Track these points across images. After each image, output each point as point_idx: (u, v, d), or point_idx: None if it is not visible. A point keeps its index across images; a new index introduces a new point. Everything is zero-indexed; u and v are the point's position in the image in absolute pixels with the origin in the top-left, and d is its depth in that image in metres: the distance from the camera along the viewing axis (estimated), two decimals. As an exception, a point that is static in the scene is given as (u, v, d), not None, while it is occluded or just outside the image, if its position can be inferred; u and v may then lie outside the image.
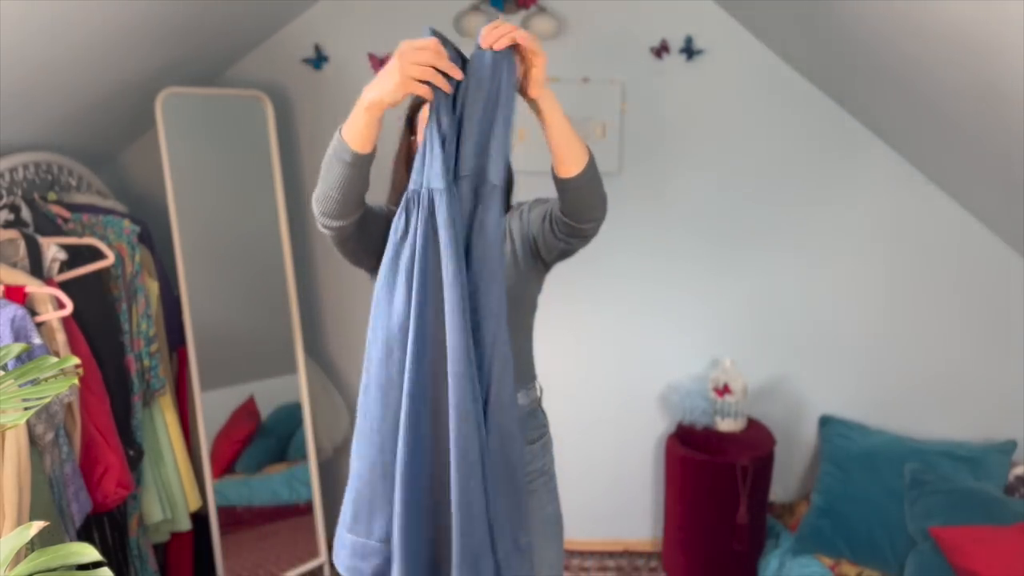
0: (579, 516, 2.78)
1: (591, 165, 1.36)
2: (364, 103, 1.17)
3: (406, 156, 1.50)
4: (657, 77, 2.69)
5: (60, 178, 2.25)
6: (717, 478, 2.61)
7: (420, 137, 1.35)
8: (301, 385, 2.63)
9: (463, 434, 1.19)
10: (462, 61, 1.23)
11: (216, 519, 2.47)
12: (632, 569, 2.94)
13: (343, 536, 1.33)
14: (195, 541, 2.50)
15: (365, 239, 1.38)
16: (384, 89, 1.16)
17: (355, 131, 1.20)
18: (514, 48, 1.27)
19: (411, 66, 1.14)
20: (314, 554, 2.67)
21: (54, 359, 1.09)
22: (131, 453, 2.10)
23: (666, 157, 2.75)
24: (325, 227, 1.33)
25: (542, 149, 1.38)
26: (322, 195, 1.29)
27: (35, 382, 1.07)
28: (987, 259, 2.74)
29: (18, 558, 0.94)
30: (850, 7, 1.97)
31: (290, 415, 2.68)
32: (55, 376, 1.08)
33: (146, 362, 2.23)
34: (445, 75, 1.19)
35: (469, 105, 1.22)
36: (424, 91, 1.17)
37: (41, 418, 1.65)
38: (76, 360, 1.12)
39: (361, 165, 1.23)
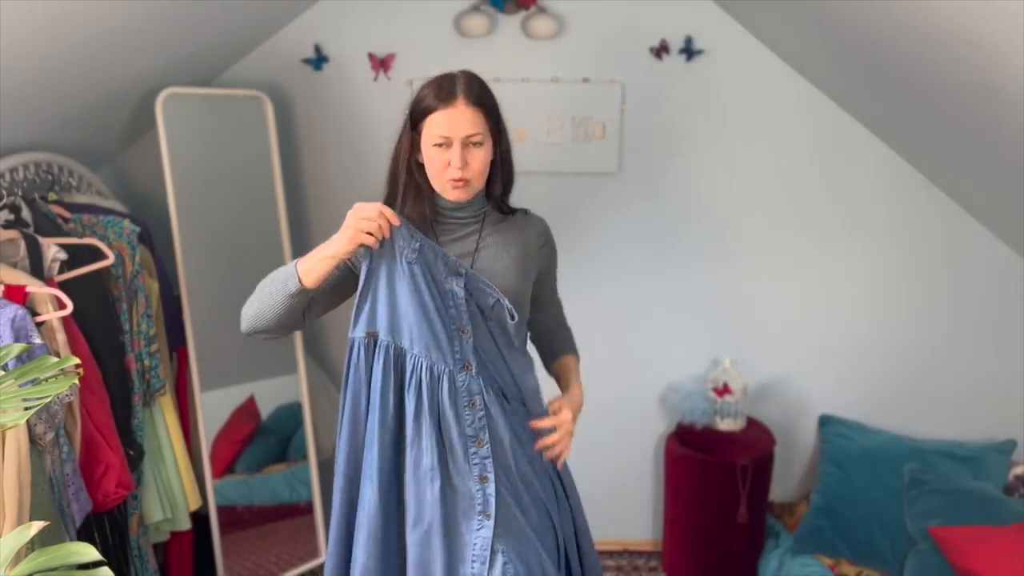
0: (579, 516, 2.78)
1: None
2: (324, 253, 1.41)
3: (407, 154, 1.51)
4: (657, 77, 2.69)
5: (60, 178, 2.25)
6: (717, 478, 2.61)
7: (425, 144, 1.46)
8: (301, 385, 2.63)
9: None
10: (408, 232, 1.44)
11: (216, 519, 2.48)
12: (632, 569, 2.94)
13: None
14: (195, 541, 2.50)
15: (315, 313, 1.55)
16: (339, 244, 1.39)
17: (311, 272, 1.41)
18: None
19: (361, 221, 1.38)
20: (314, 554, 2.67)
21: (54, 359, 1.09)
22: (131, 453, 2.10)
23: (666, 157, 2.75)
24: (252, 335, 1.52)
25: (541, 148, 1.39)
26: (255, 315, 1.48)
27: (35, 382, 1.07)
28: (987, 259, 2.74)
29: (18, 558, 0.94)
30: (850, 7, 1.97)
31: (290, 415, 2.68)
32: (55, 376, 1.08)
33: (146, 362, 2.23)
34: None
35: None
36: (371, 241, 1.39)
37: (41, 418, 1.65)
38: (76, 360, 1.12)
39: (304, 296, 1.44)
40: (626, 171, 2.76)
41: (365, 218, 1.38)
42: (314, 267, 1.41)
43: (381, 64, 2.67)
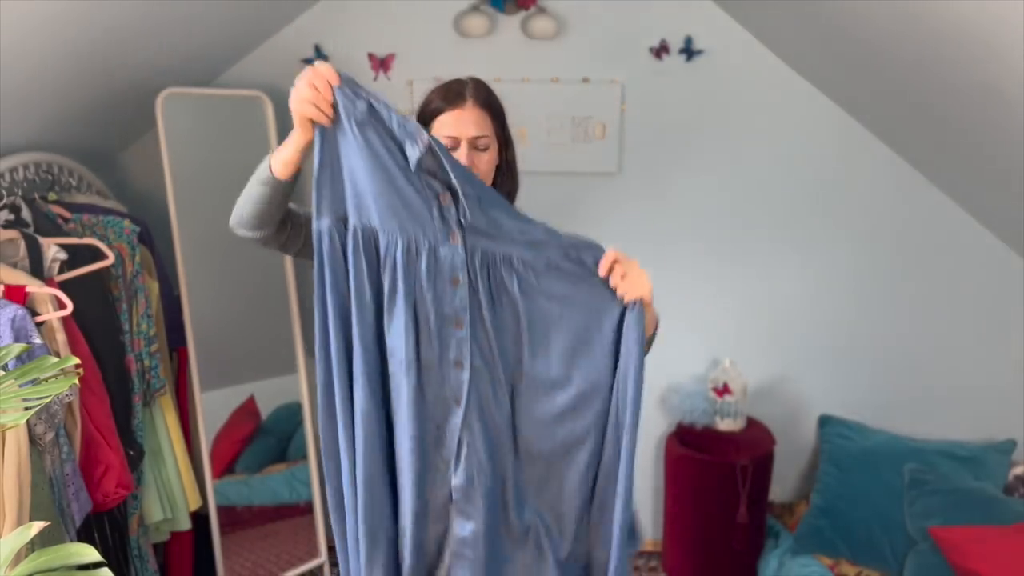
0: (579, 516, 2.78)
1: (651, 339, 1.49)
2: (287, 143, 1.28)
3: None
4: (657, 77, 2.69)
5: (60, 178, 2.25)
6: (717, 478, 2.61)
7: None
8: (301, 385, 2.63)
9: None
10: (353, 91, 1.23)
11: (216, 519, 2.48)
12: (632, 569, 2.94)
13: None
14: (195, 541, 2.50)
15: (291, 247, 1.45)
16: (295, 133, 1.26)
17: (279, 158, 1.29)
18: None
19: (301, 103, 1.22)
20: (314, 554, 2.67)
21: (54, 359, 1.09)
22: (131, 453, 2.10)
23: (666, 157, 2.75)
24: (236, 231, 1.45)
25: (541, 148, 1.38)
26: (237, 206, 1.41)
27: (35, 382, 1.07)
28: (987, 259, 2.74)
29: (18, 558, 0.93)
30: (850, 7, 1.97)
31: (290, 415, 2.68)
32: (55, 376, 1.08)
33: (146, 362, 2.23)
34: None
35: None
36: (321, 118, 1.23)
37: (41, 418, 1.65)
38: (76, 360, 1.11)
39: (276, 187, 1.31)
40: (626, 171, 2.76)
41: (301, 99, 1.21)
42: (281, 154, 1.28)
43: (381, 64, 2.67)
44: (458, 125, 1.41)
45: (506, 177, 1.53)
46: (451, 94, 1.42)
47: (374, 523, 1.33)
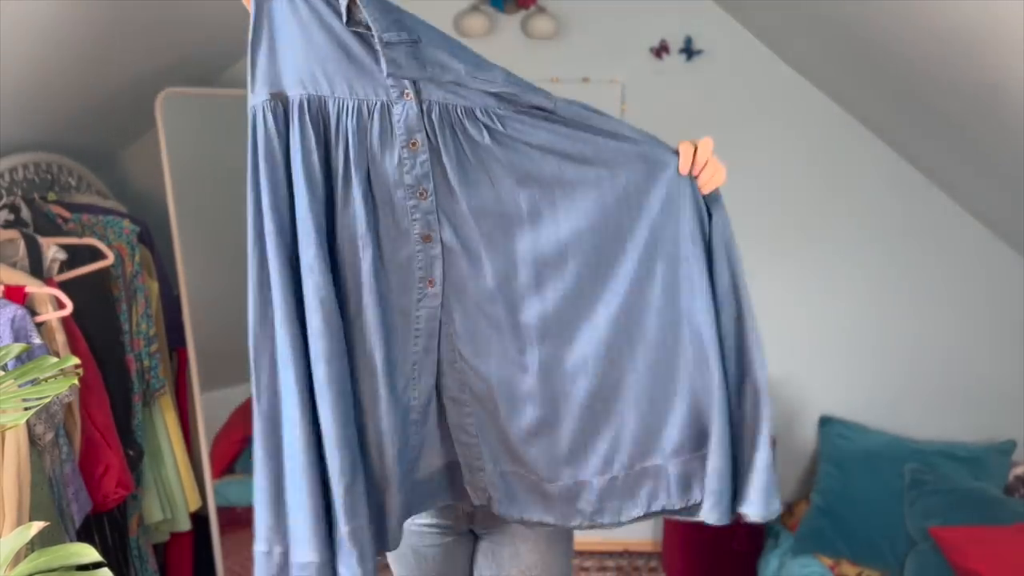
0: (579, 516, 2.78)
1: None
2: None
3: None
4: (657, 77, 2.68)
5: (60, 178, 2.25)
6: (717, 478, 2.61)
7: None
8: (301, 385, 2.63)
9: None
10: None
11: (216, 519, 2.47)
12: (632, 569, 2.94)
13: None
14: (195, 541, 2.49)
15: None
16: None
17: None
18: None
19: None
20: (314, 554, 2.67)
21: (54, 359, 1.09)
22: (131, 453, 2.10)
23: (666, 157, 2.75)
24: None
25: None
26: None
27: (35, 382, 1.07)
28: (987, 259, 2.74)
29: (18, 558, 0.93)
30: (850, 7, 1.97)
31: (290, 415, 2.67)
32: (55, 376, 1.08)
33: (146, 362, 2.23)
34: None
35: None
36: None
37: (41, 418, 1.65)
38: (76, 360, 1.11)
39: None
40: (626, 171, 2.76)
41: None
42: None
43: (381, 64, 2.67)
44: None
45: None
46: None
47: (350, 438, 1.09)
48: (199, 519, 2.47)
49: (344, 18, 1.05)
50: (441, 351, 1.19)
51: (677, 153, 1.19)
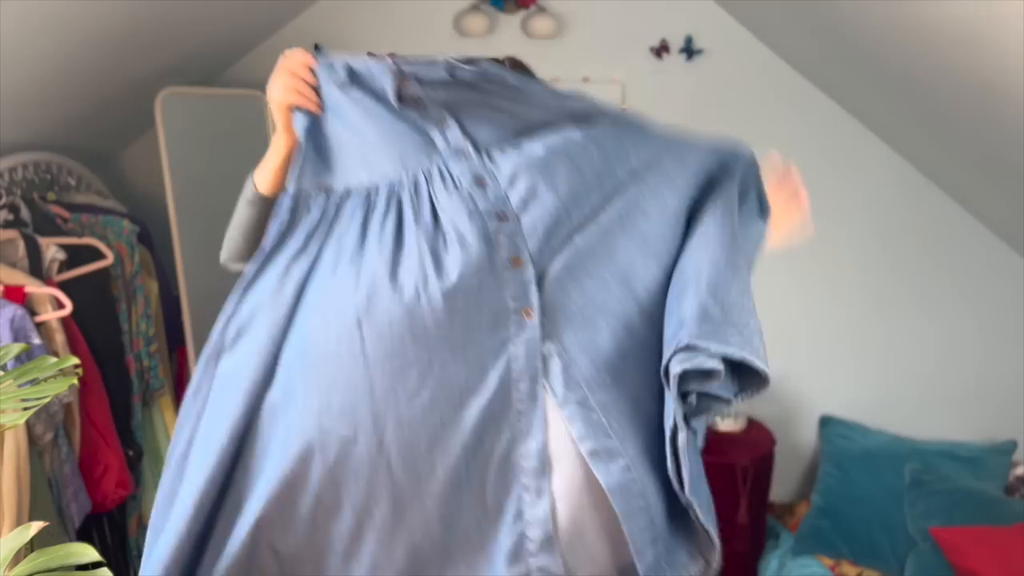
0: (579, 516, 2.78)
1: None
2: (271, 149, 1.17)
3: None
4: (657, 77, 2.68)
5: (60, 178, 2.25)
6: (717, 478, 2.59)
7: None
8: (301, 385, 2.63)
9: None
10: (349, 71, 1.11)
11: (216, 519, 2.47)
12: (632, 569, 2.94)
13: None
14: (195, 541, 2.49)
15: None
16: (277, 132, 1.15)
17: (262, 172, 1.18)
18: None
19: (281, 93, 1.13)
20: (314, 554, 2.67)
21: (54, 359, 1.09)
22: (131, 453, 2.10)
23: (666, 157, 2.75)
24: (232, 268, 1.29)
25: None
26: (227, 237, 1.28)
27: (35, 382, 1.07)
28: (987, 259, 2.74)
29: (18, 558, 0.93)
30: (850, 7, 1.97)
31: (290, 415, 2.67)
32: (55, 376, 1.08)
33: (146, 362, 2.23)
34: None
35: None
36: (306, 103, 1.12)
37: (40, 418, 1.65)
38: (76, 360, 1.11)
39: (263, 206, 1.17)
40: (626, 171, 2.76)
41: (285, 88, 1.12)
42: (265, 167, 1.17)
43: (381, 64, 2.67)
44: None
45: None
46: None
47: None
48: (199, 519, 2.47)
49: (394, 100, 1.06)
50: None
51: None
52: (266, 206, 1.17)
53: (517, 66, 1.24)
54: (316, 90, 1.12)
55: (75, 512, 1.78)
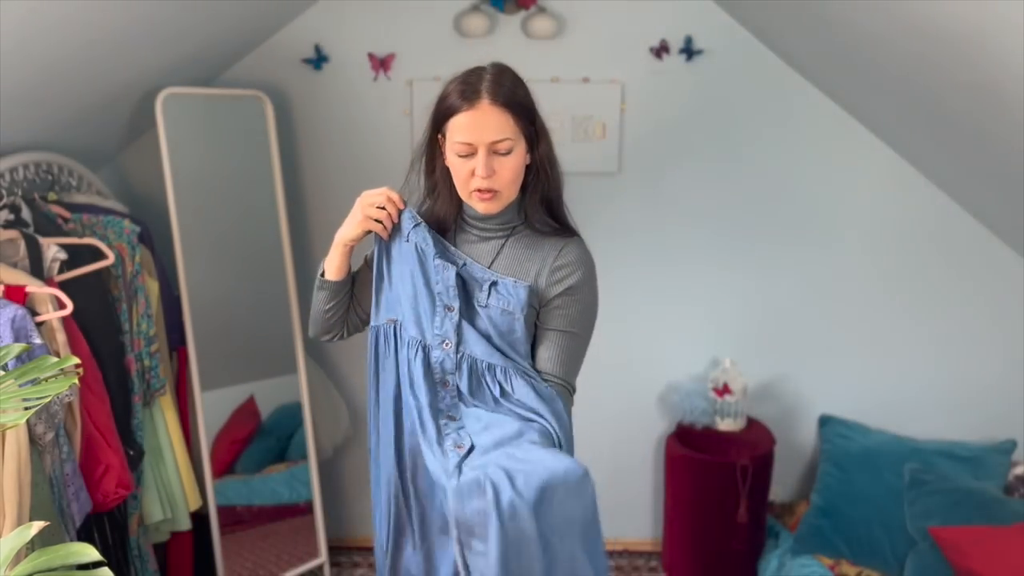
0: (579, 516, 2.78)
1: None
2: (336, 242, 1.44)
3: (428, 154, 1.43)
4: (657, 77, 2.69)
5: (60, 178, 2.25)
6: (717, 478, 2.61)
7: (448, 150, 1.37)
8: (301, 385, 2.63)
9: None
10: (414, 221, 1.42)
11: (216, 519, 2.47)
12: (632, 569, 2.94)
13: None
14: (195, 541, 2.50)
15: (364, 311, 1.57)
16: (347, 229, 1.42)
17: (331, 263, 1.47)
18: None
19: (368, 208, 1.39)
20: (314, 554, 2.67)
21: (54, 359, 1.09)
22: (131, 453, 2.10)
23: (666, 157, 2.75)
24: (325, 341, 1.60)
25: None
26: (312, 317, 1.56)
27: (35, 382, 1.07)
28: (987, 259, 2.74)
29: (18, 558, 0.93)
30: (850, 7, 1.97)
31: (290, 415, 2.68)
32: (55, 376, 1.08)
33: (146, 362, 2.23)
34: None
35: None
36: (380, 229, 1.40)
37: (41, 418, 1.65)
38: (76, 360, 1.12)
39: (335, 289, 1.49)
40: (626, 171, 2.76)
41: (373, 204, 1.39)
42: (331, 257, 1.45)
43: (381, 64, 2.67)
44: (473, 129, 1.28)
45: (540, 176, 1.38)
46: (467, 90, 1.29)
47: None
48: (199, 519, 2.47)
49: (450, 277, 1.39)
50: None
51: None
52: (337, 287, 1.50)
53: (503, 72, 1.35)
54: (394, 226, 1.42)
55: (76, 512, 1.79)
